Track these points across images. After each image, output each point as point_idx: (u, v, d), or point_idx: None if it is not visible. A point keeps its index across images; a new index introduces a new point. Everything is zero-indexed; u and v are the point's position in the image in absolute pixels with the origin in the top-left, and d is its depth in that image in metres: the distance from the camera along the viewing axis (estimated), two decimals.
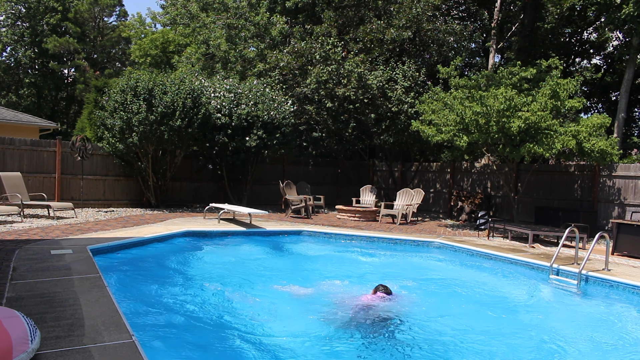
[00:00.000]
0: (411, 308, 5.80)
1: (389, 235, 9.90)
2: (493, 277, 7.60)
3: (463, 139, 10.80)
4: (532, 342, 4.89)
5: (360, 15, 17.69)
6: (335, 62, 14.99)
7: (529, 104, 10.59)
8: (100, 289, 4.65)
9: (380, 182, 18.57)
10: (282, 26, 17.64)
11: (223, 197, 15.16)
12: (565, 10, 19.99)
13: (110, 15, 39.11)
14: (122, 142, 12.42)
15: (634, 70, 15.61)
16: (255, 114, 13.49)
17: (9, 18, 34.42)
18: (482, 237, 10.42)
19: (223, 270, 7.32)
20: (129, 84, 12.36)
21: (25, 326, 3.11)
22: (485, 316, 5.73)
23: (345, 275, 7.30)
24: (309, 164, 17.36)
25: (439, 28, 16.49)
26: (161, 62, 30.08)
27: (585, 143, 10.20)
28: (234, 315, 5.28)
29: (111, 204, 13.46)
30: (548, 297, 6.62)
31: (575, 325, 5.48)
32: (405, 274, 7.44)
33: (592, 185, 12.60)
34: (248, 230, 9.90)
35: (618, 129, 15.65)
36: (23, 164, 12.17)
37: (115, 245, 7.35)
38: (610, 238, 9.08)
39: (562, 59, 19.01)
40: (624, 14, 14.01)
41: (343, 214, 13.43)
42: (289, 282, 6.84)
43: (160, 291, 5.99)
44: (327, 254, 9.03)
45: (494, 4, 19.02)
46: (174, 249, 8.26)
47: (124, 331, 3.58)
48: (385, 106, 14.82)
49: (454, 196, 15.09)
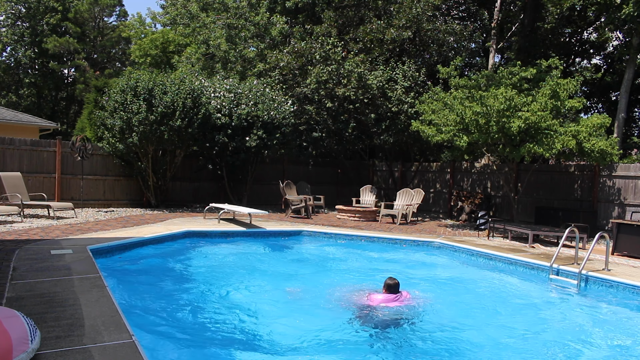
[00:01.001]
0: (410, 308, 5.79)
1: (389, 235, 9.90)
2: (493, 277, 7.60)
3: (463, 139, 10.80)
4: (531, 342, 4.89)
5: (360, 15, 17.70)
6: (335, 62, 14.99)
7: (529, 104, 10.59)
8: (100, 289, 4.65)
9: (380, 182, 18.57)
10: (282, 26, 17.64)
11: (223, 197, 15.16)
12: (565, 10, 19.98)
13: (110, 15, 39.11)
14: (122, 142, 12.42)
15: (634, 70, 15.61)
16: (255, 114, 13.49)
17: (9, 18, 34.41)
18: (482, 237, 10.42)
19: (223, 270, 7.33)
20: (129, 84, 12.36)
21: (25, 326, 3.11)
22: (485, 316, 5.73)
23: (345, 275, 7.30)
24: (309, 164, 17.36)
25: (439, 28, 16.49)
26: (161, 62, 30.08)
27: (585, 143, 10.20)
28: (234, 315, 5.28)
29: (111, 204, 13.46)
30: (548, 297, 6.62)
31: (575, 325, 5.48)
32: (405, 274, 7.43)
33: (592, 185, 12.60)
34: (248, 230, 9.90)
35: (618, 129, 15.65)
36: (23, 164, 12.17)
37: (115, 245, 7.35)
38: (610, 238, 9.08)
39: (562, 59, 18.99)
40: (624, 14, 14.01)
41: (343, 214, 13.43)
42: (289, 282, 6.84)
43: (160, 291, 6.00)
44: (327, 254, 9.03)
45: (494, 4, 19.02)
46: (174, 249, 8.27)
47: (124, 331, 3.58)
48: (385, 106, 14.82)
49: (454, 196, 15.09)
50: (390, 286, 5.65)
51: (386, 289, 5.67)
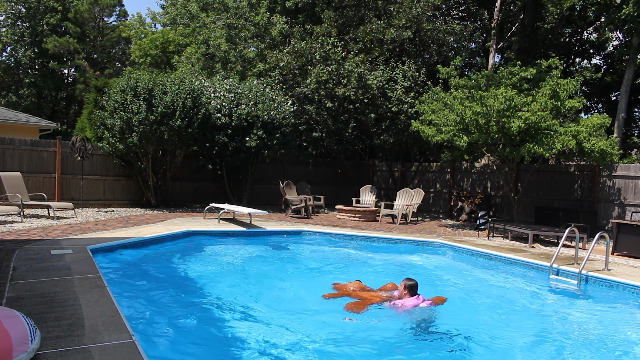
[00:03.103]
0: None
1: (389, 235, 9.90)
2: (493, 277, 7.59)
3: (463, 139, 10.80)
4: (531, 342, 4.89)
5: (360, 15, 17.70)
6: (335, 62, 14.99)
7: (529, 104, 10.59)
8: (100, 289, 4.65)
9: (380, 182, 18.57)
10: (282, 26, 17.64)
11: (223, 197, 15.16)
12: (565, 10, 19.98)
13: (110, 15, 39.10)
14: (122, 142, 12.42)
15: (634, 70, 15.61)
16: (255, 114, 13.49)
17: (9, 18, 34.40)
18: (482, 237, 10.42)
19: (223, 270, 7.33)
20: (129, 84, 12.36)
21: (25, 326, 3.11)
22: (485, 316, 5.73)
23: (345, 275, 7.30)
24: (309, 164, 17.36)
25: (439, 28, 16.49)
26: (161, 62, 30.08)
27: (585, 143, 10.20)
28: (234, 315, 5.28)
29: (111, 204, 13.46)
30: (548, 297, 6.62)
31: (575, 325, 5.48)
32: (405, 274, 7.43)
33: (592, 185, 12.60)
34: (248, 230, 9.90)
35: (618, 129, 15.65)
36: (23, 164, 12.17)
37: (115, 245, 7.35)
38: (610, 238, 9.08)
39: (562, 59, 19.00)
40: (624, 14, 14.01)
41: (343, 214, 13.43)
42: (289, 282, 6.84)
43: (161, 291, 6.00)
44: (327, 254, 9.03)
45: (494, 4, 19.02)
46: (174, 249, 8.27)
47: (124, 331, 3.58)
48: (385, 106, 14.82)
49: (454, 196, 15.09)
50: (413, 287, 5.53)
51: (409, 291, 5.52)
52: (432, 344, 4.77)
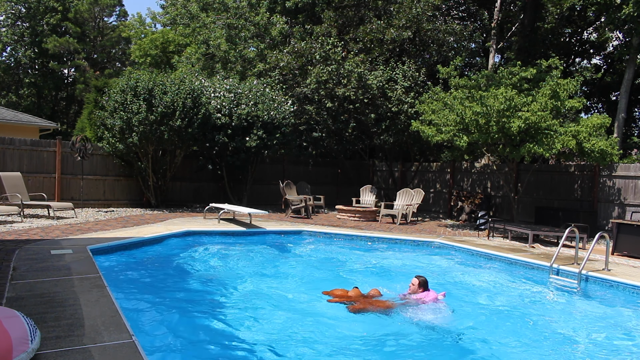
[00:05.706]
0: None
1: (389, 235, 9.90)
2: (493, 277, 7.59)
3: (463, 139, 10.80)
4: (531, 342, 4.89)
5: (360, 15, 17.70)
6: (335, 62, 14.99)
7: (529, 104, 10.59)
8: (100, 289, 4.65)
9: (380, 182, 18.57)
10: (282, 26, 17.64)
11: (223, 197, 15.16)
12: (565, 10, 19.99)
13: (110, 15, 39.10)
14: (122, 142, 12.42)
15: (634, 70, 15.61)
16: (255, 114, 13.49)
17: (9, 18, 34.41)
18: (482, 237, 10.42)
19: (223, 270, 7.33)
20: (129, 84, 12.36)
21: (25, 326, 3.11)
22: (485, 316, 5.73)
23: (345, 275, 7.30)
24: (309, 164, 17.36)
25: (439, 28, 16.49)
26: (161, 62, 30.07)
27: (585, 143, 10.20)
28: (234, 315, 5.28)
29: (111, 204, 13.46)
30: (548, 297, 6.62)
31: (575, 325, 5.48)
32: (405, 274, 7.43)
33: (592, 186, 12.60)
34: (248, 230, 9.90)
35: (618, 129, 15.65)
36: (23, 164, 12.17)
37: (115, 245, 7.35)
38: (610, 238, 9.08)
39: (562, 59, 19.01)
40: (624, 14, 14.02)
41: (343, 214, 13.43)
42: (289, 281, 6.84)
43: (161, 291, 6.00)
44: (326, 254, 9.02)
45: (494, 4, 19.02)
46: (174, 249, 8.26)
47: (124, 331, 3.58)
48: (385, 106, 14.82)
49: (454, 196, 15.09)
50: (425, 283, 5.75)
51: (422, 287, 5.74)
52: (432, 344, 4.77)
